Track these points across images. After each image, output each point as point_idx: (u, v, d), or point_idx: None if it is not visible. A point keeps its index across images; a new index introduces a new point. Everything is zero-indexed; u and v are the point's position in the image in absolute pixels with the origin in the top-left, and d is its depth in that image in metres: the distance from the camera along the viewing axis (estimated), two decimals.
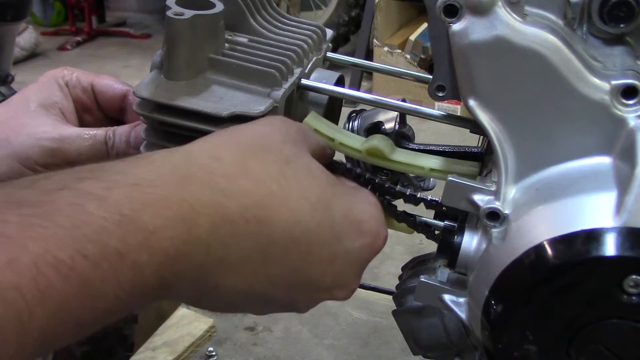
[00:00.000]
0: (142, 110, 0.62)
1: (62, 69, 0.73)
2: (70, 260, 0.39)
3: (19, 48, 4.13)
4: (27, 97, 0.69)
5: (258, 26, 0.70)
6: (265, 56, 0.65)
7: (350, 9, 4.02)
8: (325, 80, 0.69)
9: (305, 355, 1.82)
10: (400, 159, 0.64)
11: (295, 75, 0.66)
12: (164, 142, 0.64)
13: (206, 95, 0.61)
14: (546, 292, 0.51)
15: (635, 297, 0.49)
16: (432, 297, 0.61)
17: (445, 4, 0.54)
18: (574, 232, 0.50)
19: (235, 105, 0.60)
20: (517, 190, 0.55)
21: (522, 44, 0.53)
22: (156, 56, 0.65)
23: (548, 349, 0.53)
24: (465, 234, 0.58)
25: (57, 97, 0.70)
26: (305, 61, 0.69)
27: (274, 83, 0.63)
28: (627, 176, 0.50)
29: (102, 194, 0.42)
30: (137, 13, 5.55)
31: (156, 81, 0.62)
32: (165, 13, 0.60)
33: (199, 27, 0.61)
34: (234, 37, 0.68)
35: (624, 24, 0.53)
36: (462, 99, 0.57)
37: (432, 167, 0.63)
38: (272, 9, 0.74)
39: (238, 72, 0.63)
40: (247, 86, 0.63)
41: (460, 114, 0.71)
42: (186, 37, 0.61)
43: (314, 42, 0.72)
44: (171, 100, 0.60)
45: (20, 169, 0.64)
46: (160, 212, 0.44)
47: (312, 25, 0.74)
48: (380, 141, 0.64)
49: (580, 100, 0.53)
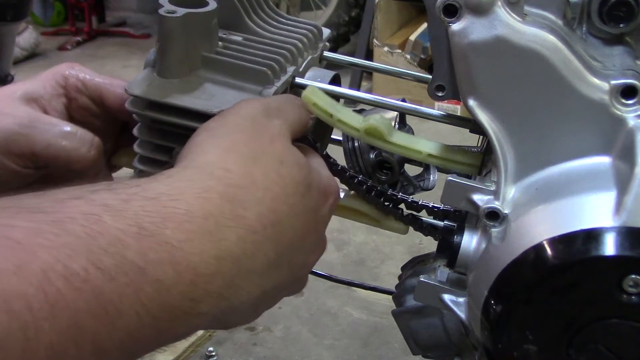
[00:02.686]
0: (135, 108, 0.62)
1: (69, 67, 0.69)
2: (83, 272, 0.36)
3: (19, 48, 4.12)
4: (14, 88, 0.66)
5: (253, 25, 0.70)
6: (258, 54, 0.65)
7: (350, 9, 4.01)
8: (320, 79, 0.69)
9: (305, 355, 1.82)
10: (398, 142, 0.63)
11: (288, 73, 0.66)
12: (156, 140, 0.64)
13: (198, 93, 0.62)
14: (546, 292, 0.51)
15: (634, 297, 0.49)
16: (432, 297, 0.61)
17: (444, 4, 0.54)
18: (574, 232, 0.50)
19: (226, 103, 0.60)
20: (516, 190, 0.55)
21: (522, 44, 0.53)
22: (150, 54, 0.65)
23: (548, 349, 0.53)
24: (465, 233, 0.58)
25: (43, 92, 0.66)
26: (300, 60, 0.69)
27: (266, 81, 0.63)
28: (626, 176, 0.50)
29: (118, 205, 0.41)
30: (137, 13, 5.54)
31: (149, 79, 0.62)
32: (158, 10, 0.61)
33: (192, 25, 0.61)
34: (228, 36, 0.68)
35: (623, 24, 0.53)
36: (462, 99, 0.57)
37: (431, 152, 0.63)
38: (269, 8, 0.74)
39: (231, 70, 0.63)
40: (239, 84, 0.63)
41: (460, 114, 0.71)
42: (179, 35, 0.61)
43: (309, 41, 0.72)
44: (163, 97, 0.60)
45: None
46: (183, 227, 0.43)
47: (308, 24, 0.74)
48: (380, 121, 0.63)
49: (579, 100, 0.53)
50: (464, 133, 0.67)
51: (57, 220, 0.38)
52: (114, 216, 0.40)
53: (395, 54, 3.48)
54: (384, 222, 0.68)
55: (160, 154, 0.64)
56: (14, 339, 0.33)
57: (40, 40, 4.52)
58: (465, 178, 0.57)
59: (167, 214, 0.42)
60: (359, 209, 0.68)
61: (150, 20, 5.38)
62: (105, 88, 0.68)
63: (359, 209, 0.68)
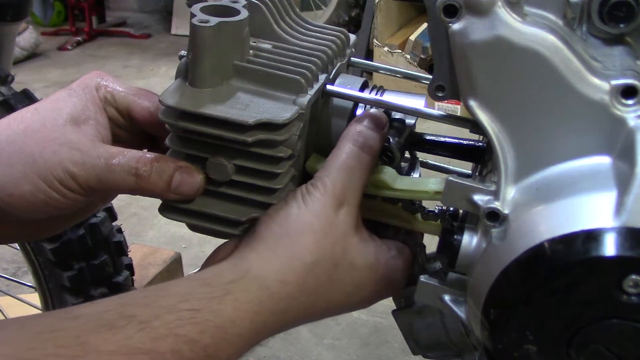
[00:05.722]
0: (168, 118, 0.61)
1: (97, 77, 0.68)
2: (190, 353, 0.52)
3: (19, 48, 4.12)
4: (59, 107, 0.64)
5: (282, 32, 0.70)
6: (290, 62, 0.65)
7: (350, 9, 4.02)
8: (350, 86, 0.69)
9: (305, 355, 1.82)
10: (404, 187, 0.65)
11: (320, 81, 0.65)
12: (189, 150, 0.63)
13: (232, 103, 0.61)
14: (546, 292, 0.51)
15: (635, 297, 0.49)
16: (432, 297, 0.61)
17: (444, 4, 0.54)
18: (574, 232, 0.50)
19: (261, 113, 0.60)
20: (516, 190, 0.55)
21: (522, 44, 0.53)
22: (181, 64, 0.64)
23: (548, 349, 0.53)
24: (465, 234, 0.58)
25: (91, 112, 0.65)
26: (330, 67, 0.69)
27: (300, 89, 0.62)
28: (626, 176, 0.50)
29: (195, 337, 0.52)
30: (137, 13, 5.55)
31: (181, 89, 0.62)
32: (190, 20, 0.60)
33: (224, 35, 0.61)
34: (257, 44, 0.68)
35: (623, 24, 0.53)
36: (462, 99, 0.57)
37: (437, 190, 0.64)
38: (295, 14, 0.73)
39: (263, 79, 0.63)
40: (272, 93, 0.62)
41: (460, 114, 0.71)
42: (211, 44, 0.60)
43: (337, 48, 0.72)
44: (197, 108, 0.60)
45: (44, 189, 0.60)
46: (238, 349, 0.55)
47: (335, 30, 0.74)
48: (384, 173, 0.65)
49: (580, 100, 0.53)
50: (464, 133, 0.67)
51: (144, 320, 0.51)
52: (190, 347, 0.53)
53: (395, 54, 3.48)
54: (414, 223, 0.68)
55: (193, 165, 0.63)
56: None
57: (40, 40, 4.52)
58: (465, 178, 0.58)
59: (227, 339, 0.55)
60: (388, 209, 0.68)
61: (151, 20, 5.38)
62: (134, 101, 0.67)
63: (388, 209, 0.68)
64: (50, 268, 1.33)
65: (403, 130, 0.69)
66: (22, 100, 1.23)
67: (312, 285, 0.59)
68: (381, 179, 0.65)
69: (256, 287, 0.57)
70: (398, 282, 0.67)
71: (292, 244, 0.59)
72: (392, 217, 0.69)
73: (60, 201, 0.61)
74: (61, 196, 0.61)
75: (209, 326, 0.53)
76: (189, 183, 0.62)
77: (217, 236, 0.67)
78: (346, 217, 0.62)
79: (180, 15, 5.03)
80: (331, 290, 0.61)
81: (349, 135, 0.64)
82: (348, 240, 0.62)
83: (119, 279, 1.37)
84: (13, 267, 2.21)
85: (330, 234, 0.61)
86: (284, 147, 0.62)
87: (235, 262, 0.59)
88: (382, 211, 0.69)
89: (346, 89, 0.68)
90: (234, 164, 0.62)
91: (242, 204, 0.64)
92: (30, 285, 1.44)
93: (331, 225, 0.61)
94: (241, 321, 0.55)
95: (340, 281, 0.61)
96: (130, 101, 0.67)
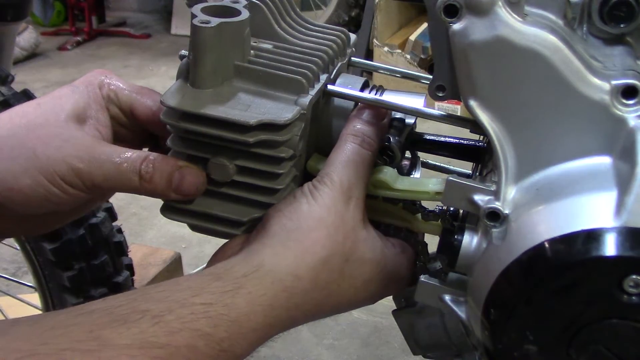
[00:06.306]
0: (169, 119, 0.61)
1: (101, 75, 0.68)
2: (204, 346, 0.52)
3: (19, 48, 4.13)
4: (62, 103, 0.63)
5: (282, 32, 0.70)
6: (291, 62, 0.65)
7: (350, 9, 4.02)
8: (351, 86, 0.69)
9: (305, 355, 1.82)
10: (404, 187, 0.66)
11: (321, 81, 0.65)
12: (190, 151, 0.63)
13: (233, 103, 0.61)
14: (546, 292, 0.51)
15: (635, 297, 0.49)
16: (432, 297, 0.61)
17: (445, 4, 0.54)
18: (574, 232, 0.50)
19: (263, 113, 0.60)
20: (517, 190, 0.55)
21: (522, 44, 0.53)
22: (182, 64, 0.64)
23: (548, 349, 0.53)
24: (465, 234, 0.58)
25: (93, 110, 0.65)
26: (331, 67, 0.69)
27: (301, 90, 0.62)
28: (627, 176, 0.50)
29: (209, 331, 0.52)
30: (137, 13, 5.55)
31: (182, 90, 0.62)
32: (191, 21, 0.60)
33: (225, 35, 0.60)
34: (258, 44, 0.67)
35: (624, 24, 0.53)
36: (462, 99, 0.57)
37: (437, 190, 0.64)
38: (295, 14, 0.73)
39: (264, 79, 0.63)
40: (273, 93, 0.62)
41: (460, 114, 0.71)
42: (212, 45, 0.60)
43: (338, 47, 0.71)
44: (198, 108, 0.60)
45: (45, 184, 0.60)
46: (251, 343, 0.55)
47: (336, 30, 0.74)
48: (385, 173, 0.66)
49: (580, 100, 0.53)
50: (464, 133, 0.67)
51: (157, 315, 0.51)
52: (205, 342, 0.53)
53: (395, 54, 3.48)
54: (414, 223, 0.68)
55: (194, 165, 0.63)
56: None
57: (40, 40, 4.52)
58: (465, 178, 0.58)
59: (241, 332, 0.55)
60: (389, 209, 0.68)
61: (151, 20, 5.38)
62: (137, 99, 0.68)
63: (389, 209, 0.68)
64: (50, 268, 1.33)
65: (403, 129, 0.70)
66: (22, 100, 1.23)
67: (324, 280, 0.59)
68: (381, 179, 0.66)
69: (270, 281, 0.57)
70: (403, 279, 0.67)
71: (305, 239, 0.59)
72: (393, 217, 0.69)
73: (60, 197, 0.61)
74: (62, 192, 0.61)
75: (223, 320, 0.53)
76: (190, 183, 0.62)
77: (219, 236, 0.67)
78: (355, 211, 0.62)
79: (180, 15, 5.03)
80: (342, 285, 0.61)
81: (350, 132, 0.65)
82: (357, 235, 0.62)
83: (119, 279, 1.38)
84: (13, 267, 2.22)
85: (341, 228, 0.61)
86: (285, 147, 0.62)
87: (246, 257, 0.59)
88: (382, 211, 0.69)
89: (347, 89, 0.68)
90: (235, 164, 0.63)
91: (244, 204, 0.65)
92: (30, 285, 1.44)
93: (342, 219, 0.61)
94: (255, 315, 0.55)
95: (350, 276, 0.62)
96: (133, 100, 0.68)
